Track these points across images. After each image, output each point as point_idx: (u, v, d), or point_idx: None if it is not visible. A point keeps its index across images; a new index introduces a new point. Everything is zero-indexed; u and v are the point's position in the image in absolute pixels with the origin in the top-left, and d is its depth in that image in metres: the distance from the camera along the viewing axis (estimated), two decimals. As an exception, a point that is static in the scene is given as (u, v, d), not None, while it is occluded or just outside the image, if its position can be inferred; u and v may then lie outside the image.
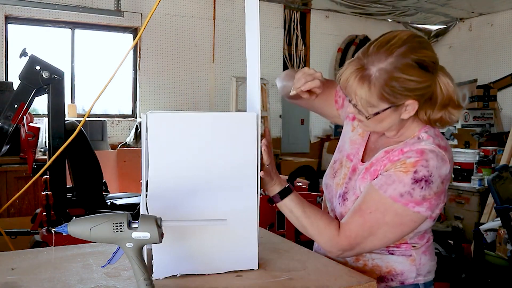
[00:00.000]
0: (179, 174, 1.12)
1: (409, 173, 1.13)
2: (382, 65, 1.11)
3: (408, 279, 1.26)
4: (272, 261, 1.25)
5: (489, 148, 4.72)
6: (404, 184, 1.14)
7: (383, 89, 1.11)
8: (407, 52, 1.11)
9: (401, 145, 1.21)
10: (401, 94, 1.12)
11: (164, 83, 6.03)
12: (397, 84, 1.11)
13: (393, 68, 1.10)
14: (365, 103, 1.15)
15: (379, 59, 1.11)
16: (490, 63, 7.11)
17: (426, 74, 1.13)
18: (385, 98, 1.13)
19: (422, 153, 1.15)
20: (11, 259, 1.26)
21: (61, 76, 2.72)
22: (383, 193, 1.16)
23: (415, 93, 1.13)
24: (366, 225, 1.17)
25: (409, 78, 1.11)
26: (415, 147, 1.17)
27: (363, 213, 1.18)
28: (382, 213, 1.16)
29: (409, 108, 1.16)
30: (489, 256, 3.10)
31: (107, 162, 4.90)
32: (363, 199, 1.20)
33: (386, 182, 1.16)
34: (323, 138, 7.17)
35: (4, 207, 2.77)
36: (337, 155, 1.40)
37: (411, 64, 1.11)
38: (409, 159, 1.15)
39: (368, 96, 1.13)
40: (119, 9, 5.63)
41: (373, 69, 1.11)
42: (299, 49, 7.10)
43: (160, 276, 1.11)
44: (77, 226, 0.96)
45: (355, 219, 1.19)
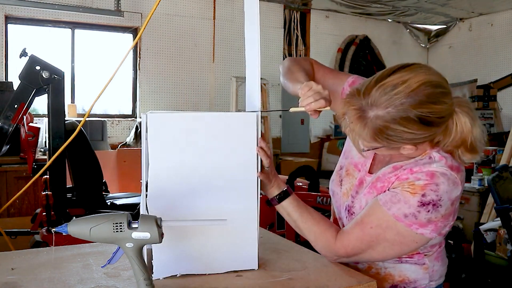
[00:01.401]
0: (179, 174, 1.12)
1: (417, 196, 1.09)
2: (380, 113, 1.05)
3: (421, 285, 1.24)
4: (272, 261, 1.25)
5: (489, 148, 4.72)
6: (409, 205, 1.10)
7: (377, 135, 1.07)
8: (410, 107, 1.03)
9: (411, 163, 1.16)
10: (396, 141, 1.08)
11: (164, 83, 6.03)
12: (392, 133, 1.06)
13: (391, 119, 1.04)
14: (361, 139, 1.11)
15: (379, 105, 1.05)
16: (490, 63, 7.11)
17: (429, 128, 1.06)
18: (378, 141, 1.09)
19: (433, 176, 1.10)
20: (11, 259, 1.26)
21: (61, 76, 2.72)
22: (387, 210, 1.12)
23: (412, 141, 1.09)
24: (365, 239, 1.16)
25: (406, 131, 1.05)
26: (425, 168, 1.12)
27: (364, 226, 1.16)
28: (383, 230, 1.13)
29: (407, 148, 1.11)
30: (489, 256, 3.09)
31: (107, 162, 4.89)
32: (366, 213, 1.18)
33: (391, 200, 1.13)
34: (323, 138, 7.17)
35: (4, 207, 2.77)
36: (343, 161, 1.37)
37: (411, 119, 1.04)
38: (418, 181, 1.10)
39: (363, 134, 1.09)
40: (119, 9, 5.63)
41: (370, 113, 1.06)
42: (299, 49, 7.10)
43: (160, 276, 1.11)
44: (77, 226, 0.96)
45: (355, 231, 1.17)
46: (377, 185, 1.20)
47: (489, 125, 6.60)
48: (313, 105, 1.14)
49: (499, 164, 4.06)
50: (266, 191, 1.24)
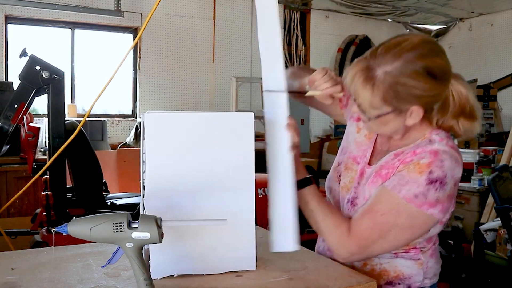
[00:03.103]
0: (176, 174, 1.12)
1: (424, 174, 1.10)
2: (388, 68, 1.08)
3: (415, 282, 1.24)
4: (272, 261, 1.25)
5: (489, 148, 4.72)
6: (418, 184, 1.10)
7: (387, 93, 1.08)
8: (415, 58, 1.07)
9: (412, 147, 1.18)
10: (405, 100, 1.10)
11: (164, 83, 6.03)
12: (402, 89, 1.08)
13: (399, 73, 1.07)
14: (368, 105, 1.13)
15: (386, 61, 1.08)
16: (490, 63, 7.11)
17: (435, 83, 1.09)
18: (388, 102, 1.10)
19: (436, 154, 1.12)
20: (11, 259, 1.26)
21: (61, 76, 2.73)
22: (397, 194, 1.12)
23: (420, 101, 1.11)
24: (376, 227, 1.14)
25: (415, 85, 1.07)
26: (428, 148, 1.14)
27: (374, 214, 1.14)
28: (394, 215, 1.12)
29: (413, 115, 1.13)
30: (489, 256, 3.10)
31: (107, 162, 4.90)
32: (374, 201, 1.16)
33: (400, 182, 1.13)
34: (323, 138, 7.17)
35: (4, 207, 2.77)
36: (341, 157, 1.38)
37: (418, 71, 1.07)
38: (423, 159, 1.12)
39: (371, 98, 1.10)
40: (119, 9, 5.63)
41: (378, 71, 1.09)
42: (299, 49, 7.10)
43: (157, 276, 1.11)
44: (77, 226, 0.96)
45: (365, 221, 1.15)
46: (382, 173, 1.20)
47: (489, 125, 6.60)
48: (330, 90, 1.17)
49: (499, 164, 4.06)
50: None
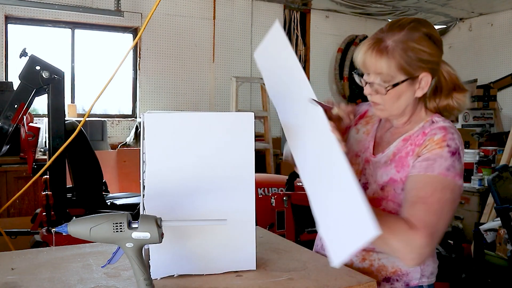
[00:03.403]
0: (176, 174, 1.12)
1: (444, 147, 1.19)
2: (396, 37, 1.20)
3: (413, 280, 1.26)
4: (272, 261, 1.25)
5: (489, 148, 4.72)
6: (445, 158, 1.18)
7: (401, 59, 1.18)
8: (417, 27, 1.21)
9: (418, 130, 1.27)
10: (416, 65, 1.20)
11: (164, 83, 6.03)
12: (412, 54, 1.19)
13: (407, 39, 1.19)
14: (385, 75, 1.20)
15: (393, 33, 1.21)
16: (490, 63, 7.11)
17: (436, 48, 1.22)
18: (402, 69, 1.19)
19: (445, 129, 1.22)
20: (11, 259, 1.26)
21: (61, 76, 2.73)
22: (432, 174, 1.17)
23: (428, 65, 1.21)
24: (431, 210, 1.13)
25: (422, 49, 1.19)
26: (435, 126, 1.24)
27: (424, 200, 1.14)
28: (440, 192, 1.15)
29: (422, 83, 1.23)
30: (489, 256, 3.10)
31: (107, 162, 4.90)
32: (414, 190, 1.17)
33: (428, 164, 1.18)
34: (323, 138, 7.17)
35: (4, 207, 2.77)
36: None
37: (422, 37, 1.20)
38: (436, 136, 1.21)
39: (387, 67, 1.19)
40: (119, 9, 5.63)
41: (389, 41, 1.20)
42: (299, 49, 7.10)
43: (157, 276, 1.11)
44: (77, 226, 0.96)
45: (417, 208, 1.14)
46: (396, 158, 1.27)
47: (489, 125, 6.60)
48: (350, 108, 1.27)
49: (499, 164, 4.06)
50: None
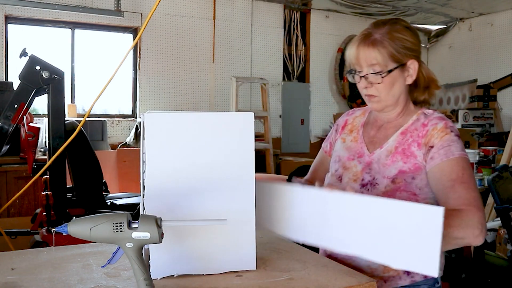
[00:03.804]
0: (176, 174, 1.12)
1: (450, 133, 1.29)
2: (382, 31, 1.33)
3: (421, 274, 1.28)
4: (272, 261, 1.25)
5: (489, 148, 4.72)
6: (455, 141, 1.29)
7: (391, 47, 1.31)
8: (397, 21, 1.37)
9: (414, 122, 1.37)
10: (403, 52, 1.32)
11: (164, 83, 6.03)
12: (398, 43, 1.32)
13: (392, 30, 1.33)
14: (379, 64, 1.31)
15: (378, 28, 1.34)
16: (490, 63, 7.11)
17: (416, 37, 1.36)
18: (393, 56, 1.31)
19: (442, 118, 1.34)
20: (11, 259, 1.26)
21: (61, 76, 2.72)
22: (453, 157, 1.26)
23: (413, 53, 1.34)
24: (470, 184, 1.24)
25: (406, 38, 1.33)
26: (432, 116, 1.35)
27: (460, 180, 1.24)
28: (468, 169, 1.26)
29: (411, 71, 1.34)
30: (489, 256, 3.09)
31: (107, 162, 4.90)
32: (446, 175, 1.26)
33: (445, 150, 1.28)
34: (323, 138, 7.16)
35: (4, 207, 2.77)
36: (335, 165, 1.48)
37: (403, 28, 1.35)
38: (437, 125, 1.32)
39: (381, 56, 1.31)
40: (119, 9, 5.63)
41: (376, 35, 1.32)
42: (299, 49, 7.10)
43: (157, 276, 1.11)
44: (77, 226, 0.96)
45: (458, 189, 1.23)
46: (399, 151, 1.35)
47: (489, 125, 6.59)
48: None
49: (499, 164, 4.06)
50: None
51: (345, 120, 1.57)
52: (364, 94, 1.38)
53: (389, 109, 1.39)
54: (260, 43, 6.68)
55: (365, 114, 1.52)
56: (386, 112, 1.40)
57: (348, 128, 1.53)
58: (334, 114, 7.16)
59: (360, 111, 1.55)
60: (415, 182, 1.31)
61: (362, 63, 1.33)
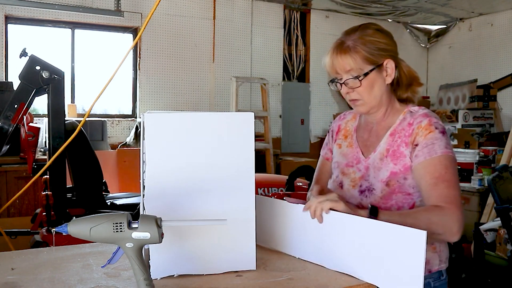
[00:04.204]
0: (176, 174, 1.12)
1: (434, 130, 1.31)
2: (353, 37, 1.36)
3: (433, 266, 1.38)
4: (272, 261, 1.25)
5: (489, 148, 4.72)
6: (439, 139, 1.30)
7: (363, 51, 1.33)
8: (367, 25, 1.40)
9: (401, 121, 1.39)
10: (377, 53, 1.35)
11: (164, 83, 6.03)
12: (371, 45, 1.34)
13: (363, 35, 1.36)
14: (355, 69, 1.33)
15: (350, 35, 1.37)
16: (490, 63, 7.11)
17: (388, 38, 1.39)
18: (367, 59, 1.34)
19: (427, 115, 1.35)
20: (11, 259, 1.26)
21: (61, 76, 2.72)
22: (436, 155, 1.29)
23: (388, 53, 1.37)
24: (452, 183, 1.27)
25: (378, 40, 1.36)
26: (417, 114, 1.37)
27: (442, 179, 1.27)
28: (451, 168, 1.29)
29: (389, 70, 1.37)
30: (489, 256, 3.09)
31: (107, 162, 4.90)
32: (429, 173, 1.28)
33: (428, 148, 1.30)
34: (323, 138, 7.15)
35: (4, 207, 2.77)
36: (335, 172, 1.52)
37: (374, 31, 1.37)
38: (422, 122, 1.34)
39: (354, 62, 1.33)
40: (119, 9, 5.63)
41: (348, 42, 1.35)
42: (299, 49, 7.10)
43: (157, 276, 1.11)
44: (77, 226, 0.96)
45: (440, 187, 1.26)
46: (390, 153, 1.37)
47: (489, 125, 6.59)
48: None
49: (499, 164, 4.06)
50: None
51: (338, 125, 1.59)
52: (348, 100, 1.41)
53: (374, 110, 1.41)
54: (260, 43, 6.68)
55: (356, 118, 1.54)
56: (372, 113, 1.43)
57: (342, 134, 1.55)
58: (334, 114, 7.16)
59: (350, 115, 1.57)
60: (408, 182, 1.34)
61: (339, 71, 1.37)
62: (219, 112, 1.18)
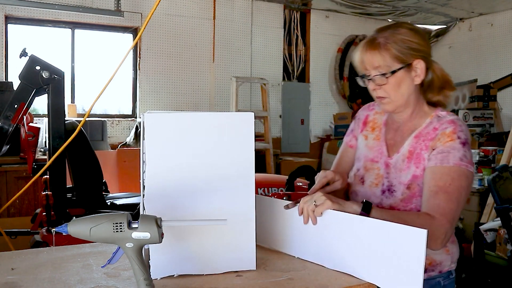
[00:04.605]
0: (176, 174, 1.12)
1: (455, 140, 1.30)
2: (386, 34, 1.35)
3: (445, 267, 1.40)
4: (272, 261, 1.25)
5: (489, 148, 4.71)
6: (457, 149, 1.29)
7: (393, 49, 1.33)
8: (401, 24, 1.39)
9: (427, 125, 1.38)
10: (407, 53, 1.33)
11: (164, 83, 6.03)
12: (402, 44, 1.33)
13: (395, 33, 1.35)
14: (383, 66, 1.33)
15: (382, 32, 1.37)
16: (490, 63, 7.11)
17: (422, 38, 1.37)
18: (397, 58, 1.33)
19: (454, 122, 1.34)
20: (11, 259, 1.26)
21: (61, 76, 2.72)
22: (448, 165, 1.28)
23: (419, 53, 1.35)
24: (452, 197, 1.26)
25: (410, 39, 1.34)
26: (444, 120, 1.36)
27: (445, 189, 1.27)
28: (458, 180, 1.27)
29: (418, 70, 1.35)
30: (489, 256, 3.09)
31: (107, 162, 4.89)
32: (435, 180, 1.28)
33: (443, 156, 1.30)
34: (323, 138, 7.17)
35: (4, 207, 2.77)
36: (357, 165, 1.52)
37: (407, 31, 1.36)
38: (447, 129, 1.33)
39: (383, 59, 1.33)
40: (119, 9, 5.63)
41: (380, 39, 1.35)
42: (299, 49, 7.10)
43: (157, 276, 1.11)
44: (77, 226, 0.96)
45: (440, 197, 1.26)
46: (413, 156, 1.37)
47: (489, 125, 6.59)
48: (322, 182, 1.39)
49: (499, 164, 4.06)
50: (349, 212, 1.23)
51: (366, 115, 1.57)
52: (375, 97, 1.41)
53: (400, 109, 1.41)
54: (260, 43, 6.68)
55: (385, 112, 1.52)
56: (398, 112, 1.43)
57: (369, 126, 1.54)
58: (334, 114, 7.15)
59: (379, 107, 1.54)
60: None
61: (368, 67, 1.36)
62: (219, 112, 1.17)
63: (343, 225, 1.16)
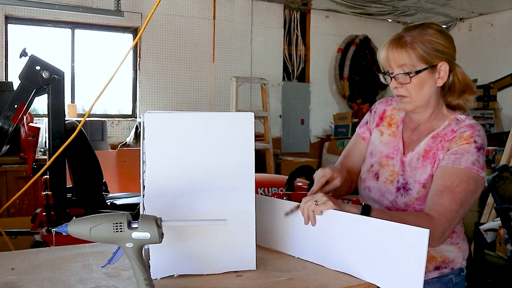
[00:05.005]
0: (176, 174, 1.12)
1: (471, 144, 1.31)
2: (413, 33, 1.35)
3: (457, 264, 1.42)
4: (272, 261, 1.25)
5: (489, 148, 4.71)
6: (471, 153, 1.30)
7: (420, 49, 1.33)
8: (429, 25, 1.38)
9: (445, 128, 1.38)
10: (433, 54, 1.34)
11: (164, 83, 6.03)
12: (428, 45, 1.34)
13: (423, 33, 1.35)
14: (408, 65, 1.33)
15: (410, 31, 1.37)
16: (490, 63, 7.11)
17: (448, 41, 1.37)
18: (422, 58, 1.33)
19: (473, 126, 1.35)
20: (11, 259, 1.26)
21: (61, 76, 2.72)
22: (459, 167, 1.29)
23: (444, 56, 1.35)
24: (457, 198, 1.27)
25: (437, 41, 1.34)
26: (463, 123, 1.37)
27: (451, 189, 1.28)
28: (466, 183, 1.28)
29: (442, 73, 1.35)
30: (489, 256, 3.09)
31: (107, 162, 4.89)
32: (442, 180, 1.30)
33: (456, 157, 1.31)
34: (323, 138, 7.17)
35: (4, 207, 2.77)
36: (371, 160, 1.51)
37: (435, 32, 1.36)
38: (465, 133, 1.33)
39: (409, 58, 1.33)
40: (119, 9, 5.63)
41: (407, 37, 1.35)
42: (299, 49, 7.10)
43: (157, 276, 1.11)
44: (77, 226, 0.96)
45: (444, 196, 1.27)
46: (429, 155, 1.38)
47: (489, 125, 6.60)
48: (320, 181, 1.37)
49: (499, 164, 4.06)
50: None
51: (383, 110, 1.56)
52: (396, 95, 1.41)
53: (420, 110, 1.41)
54: (260, 43, 6.68)
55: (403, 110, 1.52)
56: (417, 113, 1.43)
57: (386, 121, 1.53)
58: (334, 114, 7.16)
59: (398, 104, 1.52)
60: None
61: (392, 64, 1.36)
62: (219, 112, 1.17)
63: (343, 225, 1.16)
